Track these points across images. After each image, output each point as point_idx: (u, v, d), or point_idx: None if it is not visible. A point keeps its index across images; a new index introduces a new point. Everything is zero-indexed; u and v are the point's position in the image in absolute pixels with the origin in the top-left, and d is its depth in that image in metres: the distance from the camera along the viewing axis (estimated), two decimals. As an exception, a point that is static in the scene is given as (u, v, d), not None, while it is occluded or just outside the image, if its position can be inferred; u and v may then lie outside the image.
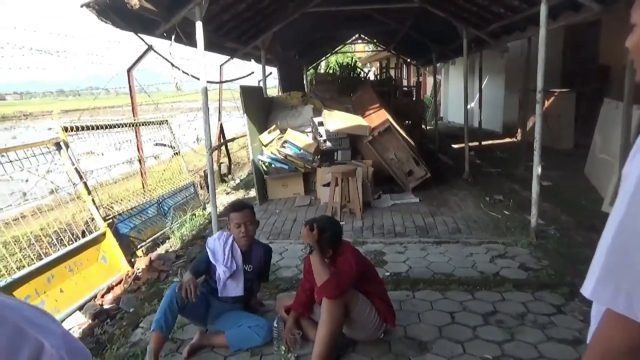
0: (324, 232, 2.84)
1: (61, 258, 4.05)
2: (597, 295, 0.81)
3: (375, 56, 22.69)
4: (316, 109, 7.68)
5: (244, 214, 3.21)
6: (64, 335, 0.52)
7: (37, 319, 0.51)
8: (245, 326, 3.06)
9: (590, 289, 0.82)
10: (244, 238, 3.20)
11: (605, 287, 0.79)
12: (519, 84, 11.07)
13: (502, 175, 8.00)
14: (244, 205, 3.30)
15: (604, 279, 0.80)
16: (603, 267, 0.80)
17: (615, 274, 0.79)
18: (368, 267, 3.07)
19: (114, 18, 4.20)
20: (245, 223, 3.19)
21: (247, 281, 3.26)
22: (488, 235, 5.03)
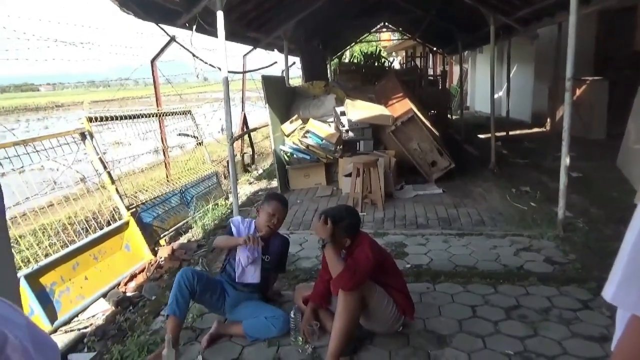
0: (341, 220, 2.79)
1: (86, 246, 4.14)
2: (619, 300, 0.75)
3: (401, 45, 22.36)
4: (339, 98, 7.61)
5: (282, 208, 3.27)
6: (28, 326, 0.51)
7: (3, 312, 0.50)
8: (262, 317, 3.07)
9: (611, 293, 0.76)
10: (269, 229, 3.21)
11: (629, 291, 0.74)
12: (549, 72, 10.75)
13: (529, 166, 7.79)
14: (285, 201, 3.37)
15: (627, 282, 0.74)
16: (625, 270, 0.74)
17: (638, 277, 0.73)
18: (386, 258, 3.01)
19: (135, 9, 4.22)
20: (279, 216, 3.25)
21: (264, 270, 3.26)
22: (513, 227, 4.90)
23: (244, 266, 3.21)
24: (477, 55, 17.67)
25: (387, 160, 6.30)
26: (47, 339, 0.54)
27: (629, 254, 0.74)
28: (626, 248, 0.75)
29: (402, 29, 16.48)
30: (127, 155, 5.79)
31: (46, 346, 0.52)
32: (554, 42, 8.15)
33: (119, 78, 8.20)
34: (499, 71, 13.81)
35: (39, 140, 4.22)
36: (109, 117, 4.97)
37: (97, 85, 65.02)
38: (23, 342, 0.49)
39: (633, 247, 0.74)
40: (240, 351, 2.98)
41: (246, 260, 3.20)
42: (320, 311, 3.08)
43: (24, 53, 4.67)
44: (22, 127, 22.46)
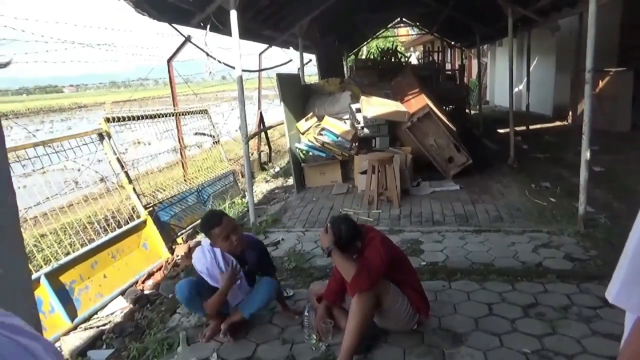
0: (340, 229, 2.77)
1: (104, 245, 4.21)
2: (621, 301, 0.73)
3: (419, 40, 22.15)
4: (354, 95, 7.57)
5: (226, 223, 2.99)
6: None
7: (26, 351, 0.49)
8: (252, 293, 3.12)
9: (614, 293, 0.73)
10: (237, 246, 3.02)
11: (631, 292, 0.71)
12: (571, 64, 10.51)
13: (550, 160, 7.63)
14: (220, 215, 3.07)
15: (629, 283, 0.71)
16: (628, 271, 0.71)
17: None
18: (398, 255, 2.98)
19: (149, 9, 4.27)
20: (233, 231, 3.00)
21: (249, 275, 3.18)
22: (532, 223, 4.82)
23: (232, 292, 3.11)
24: (496, 48, 17.38)
25: (403, 157, 6.25)
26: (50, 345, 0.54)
27: (632, 255, 0.71)
28: (629, 249, 0.72)
29: (419, 24, 16.31)
30: (146, 154, 5.88)
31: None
32: (575, 33, 7.96)
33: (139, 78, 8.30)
34: (518, 64, 13.58)
35: (59, 142, 4.29)
36: (126, 117, 5.04)
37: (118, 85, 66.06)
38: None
39: (635, 249, 0.71)
40: (255, 349, 2.99)
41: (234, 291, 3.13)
42: (334, 309, 3.07)
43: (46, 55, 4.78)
44: (46, 128, 23.00)
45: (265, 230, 5.15)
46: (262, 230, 5.14)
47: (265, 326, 3.25)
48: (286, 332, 3.16)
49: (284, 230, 5.18)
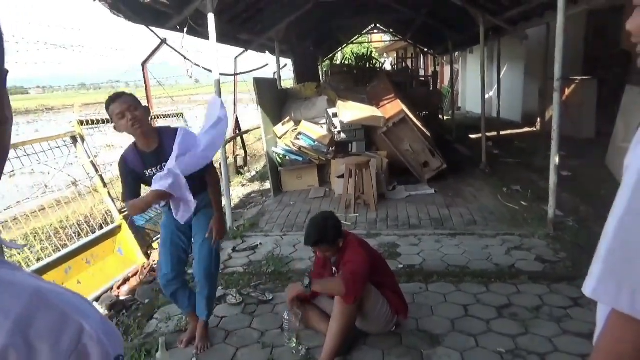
0: (325, 233, 2.78)
1: (78, 250, 4.12)
2: (598, 294, 0.77)
3: (392, 46, 22.45)
4: (331, 100, 7.63)
5: (121, 100, 2.62)
6: (101, 319, 0.59)
7: (78, 305, 0.57)
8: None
9: (591, 287, 0.78)
10: (135, 127, 2.61)
11: (607, 285, 0.75)
12: (539, 73, 10.84)
13: (520, 165, 7.85)
14: (116, 95, 2.70)
15: (606, 276, 0.76)
16: (604, 264, 0.76)
17: (617, 271, 0.75)
18: (377, 258, 3.04)
19: (125, 11, 4.21)
20: (129, 109, 2.60)
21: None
22: (504, 226, 4.95)
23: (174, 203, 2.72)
24: (467, 55, 17.77)
25: (379, 161, 6.33)
26: (115, 331, 0.61)
27: (608, 247, 0.76)
28: (605, 242, 0.77)
29: (392, 30, 16.54)
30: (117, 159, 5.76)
31: (114, 336, 0.59)
32: (543, 42, 8.23)
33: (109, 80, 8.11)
34: (489, 72, 13.89)
35: (29, 144, 4.19)
36: (100, 120, 4.95)
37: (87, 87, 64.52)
38: (97, 332, 0.55)
39: (611, 241, 0.75)
40: (234, 353, 2.99)
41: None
42: (310, 311, 3.06)
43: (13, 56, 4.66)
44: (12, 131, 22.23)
45: (243, 235, 5.13)
46: (240, 234, 5.12)
47: (244, 330, 3.25)
48: (266, 336, 3.16)
49: (262, 234, 5.17)
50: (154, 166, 2.72)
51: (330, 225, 2.79)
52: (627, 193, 0.74)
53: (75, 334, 0.53)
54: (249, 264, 4.39)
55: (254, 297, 3.72)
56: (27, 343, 0.50)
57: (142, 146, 2.74)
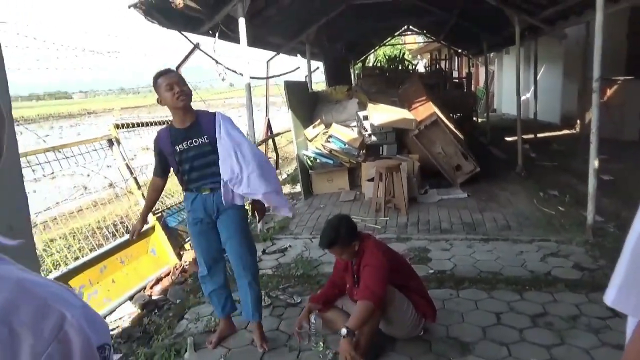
0: (337, 236, 2.74)
1: (113, 250, 4.24)
2: (619, 304, 0.73)
3: (426, 48, 22.20)
4: (361, 102, 7.60)
5: (172, 74, 2.80)
6: (83, 307, 0.61)
7: (61, 295, 0.59)
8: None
9: (612, 297, 0.74)
10: (180, 99, 2.70)
11: (629, 294, 0.72)
12: (578, 73, 10.49)
13: (558, 169, 7.60)
14: (168, 69, 2.87)
15: (628, 286, 0.72)
16: (626, 273, 0.72)
17: (638, 281, 0.70)
18: (398, 260, 2.98)
19: (159, 17, 4.32)
20: (177, 81, 2.74)
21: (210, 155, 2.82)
22: (540, 232, 4.79)
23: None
24: (503, 56, 17.38)
25: (410, 165, 6.25)
26: (99, 319, 0.63)
27: (629, 257, 0.72)
28: (626, 251, 0.73)
29: (426, 32, 16.35)
30: (154, 161, 5.91)
31: (97, 324, 0.62)
32: (582, 41, 7.96)
33: (147, 85, 8.36)
34: (526, 72, 13.56)
35: (69, 147, 4.34)
36: (134, 123, 5.08)
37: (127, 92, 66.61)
38: (79, 319, 0.58)
39: (633, 251, 0.72)
40: (261, 356, 2.99)
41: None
42: (338, 317, 3.02)
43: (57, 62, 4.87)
44: (55, 134, 23.16)
45: (273, 237, 5.16)
46: (270, 237, 5.15)
47: (272, 333, 3.26)
48: (293, 339, 3.15)
49: (292, 237, 5.19)
50: (184, 141, 2.80)
51: (344, 227, 2.76)
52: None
53: (57, 322, 0.55)
54: (278, 267, 4.40)
55: (282, 299, 3.73)
56: (10, 330, 0.52)
57: (177, 123, 2.83)
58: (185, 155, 2.82)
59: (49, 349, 0.54)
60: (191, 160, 2.83)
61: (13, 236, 1.68)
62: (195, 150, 2.81)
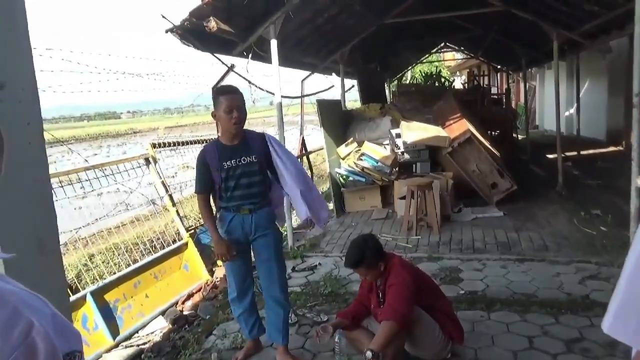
0: (363, 257, 2.71)
1: (147, 265, 4.37)
2: (616, 331, 0.71)
3: (465, 64, 21.94)
4: (395, 120, 7.58)
5: (236, 97, 2.79)
6: (52, 316, 0.63)
7: (31, 303, 0.62)
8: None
9: (608, 324, 0.71)
10: (235, 126, 2.76)
11: (626, 322, 0.69)
12: (625, 88, 10.08)
13: (602, 187, 7.29)
14: (234, 89, 2.87)
15: (623, 313, 0.69)
16: (622, 301, 0.69)
17: (636, 308, 0.68)
18: (424, 279, 2.92)
19: (193, 41, 4.49)
20: (238, 106, 2.76)
21: (257, 175, 2.89)
22: (579, 253, 4.59)
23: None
24: (545, 71, 16.95)
25: (443, 183, 6.16)
26: (69, 327, 0.65)
27: (625, 284, 0.69)
28: (623, 278, 0.70)
29: (463, 48, 16.21)
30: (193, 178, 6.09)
31: (67, 333, 0.64)
32: (626, 55, 7.68)
33: (191, 104, 8.70)
34: (569, 88, 13.18)
35: (108, 166, 4.55)
36: (171, 142, 5.26)
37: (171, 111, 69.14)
38: (46, 328, 0.60)
39: (628, 278, 0.69)
40: (285, 374, 2.99)
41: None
42: (363, 336, 2.98)
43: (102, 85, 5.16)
44: (103, 153, 24.27)
45: (303, 255, 5.18)
46: (300, 254, 5.17)
47: (297, 351, 3.26)
48: (318, 357, 3.14)
49: (322, 255, 5.19)
50: (232, 159, 2.82)
51: (370, 248, 2.74)
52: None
53: (24, 329, 0.58)
54: (307, 284, 4.41)
55: (309, 317, 3.73)
56: None
57: (226, 140, 2.86)
58: (232, 173, 2.83)
59: (15, 353, 0.56)
60: (237, 178, 2.84)
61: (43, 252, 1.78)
62: (242, 168, 2.83)
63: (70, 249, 4.82)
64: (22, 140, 1.70)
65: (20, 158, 1.68)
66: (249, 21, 4.94)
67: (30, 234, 1.70)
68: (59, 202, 3.70)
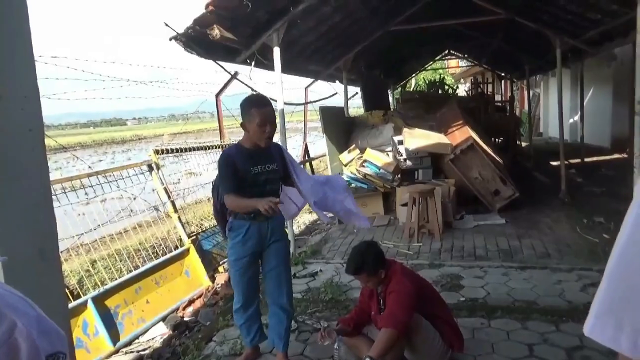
0: (364, 264, 2.72)
1: (148, 271, 4.38)
2: (596, 334, 0.71)
3: (469, 71, 21.96)
4: (397, 127, 7.59)
5: (270, 110, 2.79)
6: (37, 318, 0.64)
7: (15, 304, 0.63)
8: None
9: (589, 325, 0.72)
10: (267, 140, 2.78)
11: (605, 324, 0.69)
12: (629, 95, 10.06)
13: (606, 195, 7.26)
14: (267, 101, 2.86)
15: (603, 315, 0.70)
16: (602, 303, 0.70)
17: (615, 310, 0.68)
18: (425, 287, 2.93)
19: (197, 49, 4.53)
20: (271, 120, 2.78)
21: (278, 182, 2.97)
22: (581, 261, 4.57)
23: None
24: (549, 79, 16.94)
25: (445, 189, 6.15)
26: (53, 328, 0.66)
27: (606, 285, 0.70)
28: (605, 279, 0.71)
29: (467, 56, 16.24)
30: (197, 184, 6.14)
31: (52, 334, 0.65)
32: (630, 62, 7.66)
33: (195, 111, 8.78)
34: (573, 95, 13.16)
35: (111, 172, 4.58)
36: (174, 149, 5.30)
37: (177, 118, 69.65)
38: (30, 328, 0.61)
39: (609, 280, 0.70)
40: (284, 381, 2.99)
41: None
42: (363, 344, 2.98)
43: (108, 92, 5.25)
44: (108, 159, 24.42)
45: (304, 261, 5.18)
46: (301, 260, 5.18)
47: (296, 357, 3.25)
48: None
49: (323, 261, 5.19)
50: (259, 164, 2.82)
51: (371, 255, 2.75)
52: (627, 227, 0.70)
53: (7, 329, 0.59)
54: (308, 291, 4.41)
55: (308, 324, 3.73)
56: None
57: (249, 145, 2.83)
58: (258, 178, 2.81)
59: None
60: (263, 184, 2.83)
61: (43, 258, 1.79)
62: (267, 174, 2.85)
63: (72, 255, 4.85)
64: (24, 147, 1.73)
65: (22, 165, 1.71)
66: (253, 29, 4.98)
67: (30, 240, 1.73)
68: (61, 208, 3.74)
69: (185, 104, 16.70)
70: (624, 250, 0.68)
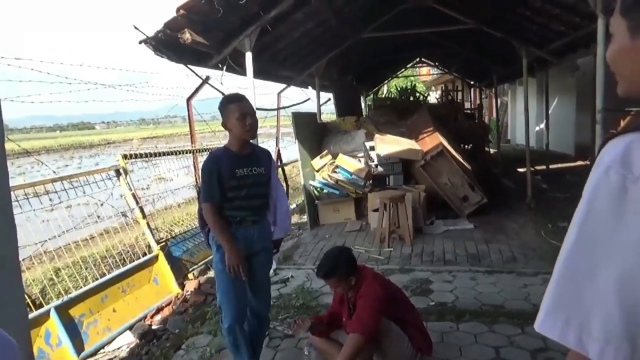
0: (336, 268, 2.73)
1: (115, 279, 4.28)
2: (546, 329, 0.73)
3: (440, 79, 22.37)
4: (369, 133, 7.66)
5: (247, 104, 2.78)
6: None
7: None
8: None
9: (539, 321, 0.74)
10: (249, 132, 2.73)
11: (555, 320, 0.72)
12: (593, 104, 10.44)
13: (570, 200, 7.46)
14: (242, 96, 2.87)
15: (553, 310, 0.72)
16: (552, 298, 0.72)
17: (564, 304, 0.71)
18: (394, 291, 2.95)
19: (168, 53, 4.47)
20: (252, 115, 2.75)
21: (265, 187, 2.90)
22: (546, 265, 4.69)
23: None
24: (516, 87, 17.41)
25: (416, 195, 6.23)
26: (3, 337, 0.66)
27: (555, 282, 0.73)
28: (554, 274, 0.74)
29: (438, 64, 16.54)
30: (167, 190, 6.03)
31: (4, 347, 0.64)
32: (593, 73, 7.96)
33: (166, 116, 8.64)
34: (539, 103, 13.55)
35: (77, 177, 4.46)
36: (143, 154, 5.21)
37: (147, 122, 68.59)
38: None
39: (559, 273, 0.72)
40: (253, 388, 2.95)
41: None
42: (333, 349, 2.98)
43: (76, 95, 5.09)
44: (75, 164, 23.76)
45: (276, 268, 5.14)
46: (273, 267, 5.14)
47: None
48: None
49: (294, 267, 5.18)
50: (245, 167, 2.77)
51: (343, 260, 2.76)
52: (576, 223, 0.72)
53: None
54: (279, 297, 4.38)
55: (279, 330, 3.71)
56: None
57: (236, 148, 2.78)
58: (243, 182, 2.75)
59: None
60: (249, 187, 2.77)
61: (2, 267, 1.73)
62: (253, 178, 2.79)
63: (35, 263, 4.69)
64: (-18, 151, 1.67)
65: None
66: (225, 34, 4.95)
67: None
68: (24, 214, 3.62)
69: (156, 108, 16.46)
70: (572, 247, 0.71)
